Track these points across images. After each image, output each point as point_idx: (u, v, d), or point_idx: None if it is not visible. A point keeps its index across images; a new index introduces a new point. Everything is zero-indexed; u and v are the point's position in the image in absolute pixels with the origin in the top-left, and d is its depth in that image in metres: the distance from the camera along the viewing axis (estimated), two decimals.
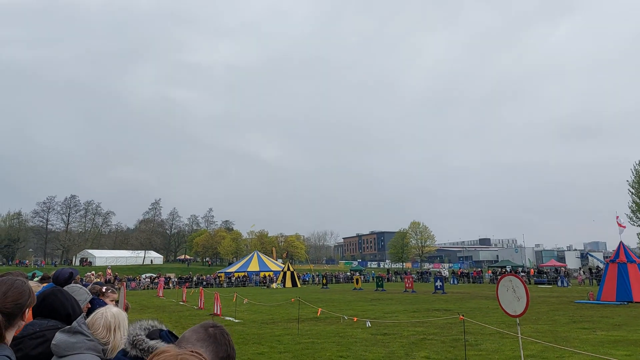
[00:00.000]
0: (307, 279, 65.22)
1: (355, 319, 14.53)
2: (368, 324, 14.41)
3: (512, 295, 7.78)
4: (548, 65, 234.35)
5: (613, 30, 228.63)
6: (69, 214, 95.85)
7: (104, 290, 5.17)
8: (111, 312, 2.63)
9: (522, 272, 59.31)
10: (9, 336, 2.18)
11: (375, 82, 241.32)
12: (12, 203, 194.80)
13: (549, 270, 59.39)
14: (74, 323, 2.61)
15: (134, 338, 1.69)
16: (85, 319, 2.63)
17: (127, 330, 1.82)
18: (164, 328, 1.89)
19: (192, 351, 1.22)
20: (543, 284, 49.85)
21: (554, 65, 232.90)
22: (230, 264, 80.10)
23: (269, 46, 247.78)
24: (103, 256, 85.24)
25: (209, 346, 1.57)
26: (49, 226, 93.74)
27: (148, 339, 1.68)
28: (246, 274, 62.12)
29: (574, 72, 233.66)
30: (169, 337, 1.72)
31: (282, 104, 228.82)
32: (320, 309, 17.16)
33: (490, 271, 65.07)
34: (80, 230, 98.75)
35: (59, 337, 2.50)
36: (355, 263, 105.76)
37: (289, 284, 53.62)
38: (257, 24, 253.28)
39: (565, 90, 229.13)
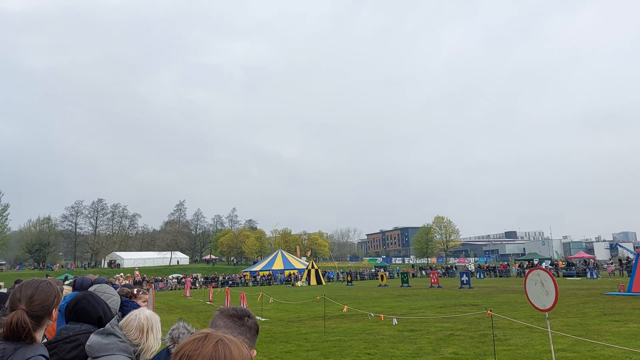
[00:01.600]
0: (332, 277, 65.31)
1: (382, 316, 14.51)
2: (395, 321, 14.38)
3: (541, 289, 7.69)
4: (568, 54, 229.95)
5: (633, 15, 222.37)
6: (96, 218, 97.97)
7: (135, 292, 5.28)
8: (144, 314, 2.70)
9: (550, 265, 58.36)
10: (39, 336, 2.29)
11: (393, 77, 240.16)
12: (41, 208, 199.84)
13: (577, 262, 58.29)
14: (107, 325, 2.69)
15: (178, 335, 1.74)
16: (118, 321, 2.71)
17: (169, 331, 1.88)
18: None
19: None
20: (572, 276, 48.95)
21: (575, 54, 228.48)
22: (254, 262, 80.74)
23: (286, 45, 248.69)
24: (131, 258, 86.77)
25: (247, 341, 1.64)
26: (77, 230, 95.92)
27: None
28: (271, 273, 62.53)
29: (594, 60, 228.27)
30: None
31: (300, 102, 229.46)
32: (346, 307, 17.19)
33: (517, 265, 64.19)
34: (108, 233, 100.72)
35: (93, 339, 2.57)
36: (379, 259, 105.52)
37: (313, 281, 53.80)
38: (272, 23, 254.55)
39: (587, 78, 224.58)
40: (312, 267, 55.78)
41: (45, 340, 2.84)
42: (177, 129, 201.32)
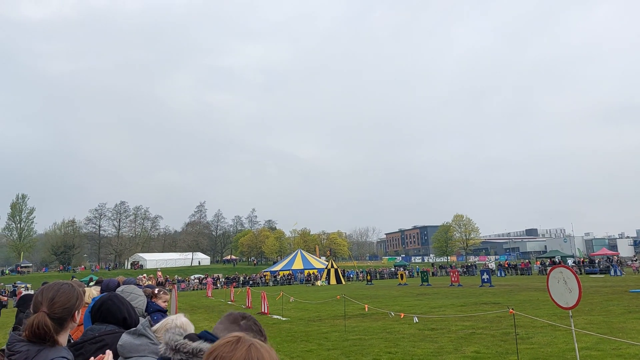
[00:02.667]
0: (351, 276, 65.28)
1: (403, 314, 14.51)
2: (415, 319, 14.38)
3: (564, 287, 7.64)
4: (585, 48, 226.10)
5: None
6: (119, 220, 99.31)
7: (156, 292, 5.38)
8: (180, 320, 2.72)
9: (573, 263, 57.47)
10: (62, 339, 2.30)
11: (407, 75, 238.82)
12: (66, 211, 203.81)
13: (600, 259, 57.29)
14: (139, 326, 2.76)
15: (176, 344, 1.74)
16: (151, 324, 2.78)
17: (165, 338, 1.86)
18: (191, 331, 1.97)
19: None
20: (595, 273, 48.13)
21: (592, 48, 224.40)
22: (274, 262, 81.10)
23: (300, 45, 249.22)
24: (153, 259, 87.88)
25: None
26: (101, 232, 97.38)
27: (190, 341, 1.75)
28: (291, 273, 62.80)
29: (612, 54, 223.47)
30: (210, 335, 1.79)
31: (316, 102, 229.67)
32: (367, 305, 17.23)
33: (538, 262, 63.32)
34: (131, 234, 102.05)
35: (125, 338, 2.61)
36: (398, 258, 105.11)
37: (333, 281, 53.86)
38: (286, 24, 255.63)
39: (605, 72, 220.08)
40: (332, 266, 55.84)
41: (71, 341, 2.92)
42: (196, 131, 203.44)
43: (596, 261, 56.14)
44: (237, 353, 1.21)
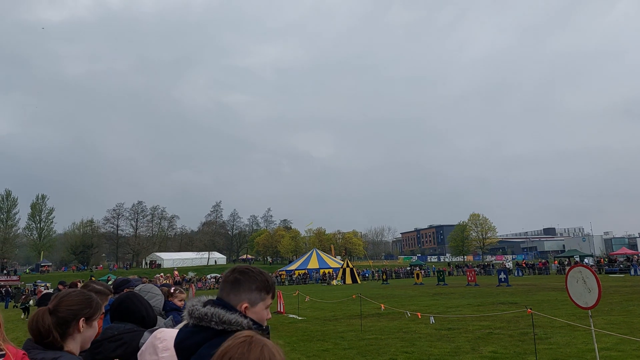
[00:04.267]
0: (367, 275, 65.15)
1: (419, 314, 14.45)
2: (432, 319, 14.31)
3: (583, 287, 7.55)
4: (606, 44, 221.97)
5: None
6: (137, 220, 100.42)
7: (172, 291, 5.45)
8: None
9: (592, 262, 56.62)
10: (71, 345, 2.17)
11: (424, 72, 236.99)
12: (84, 211, 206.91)
13: (620, 259, 56.36)
14: (162, 325, 2.81)
15: (191, 308, 1.81)
16: (174, 323, 2.82)
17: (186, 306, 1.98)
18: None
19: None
20: (614, 273, 47.42)
21: (613, 43, 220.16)
22: (290, 262, 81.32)
23: (316, 45, 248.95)
24: (170, 258, 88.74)
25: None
26: (119, 232, 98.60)
27: (201, 307, 1.80)
28: (306, 272, 62.90)
29: (635, 49, 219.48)
30: (220, 301, 1.84)
31: (331, 102, 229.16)
32: (383, 305, 17.19)
33: (556, 262, 62.50)
34: (148, 234, 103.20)
35: (147, 337, 2.72)
36: (414, 258, 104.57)
37: (348, 280, 53.81)
38: (302, 24, 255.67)
39: (626, 69, 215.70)
40: (347, 265, 55.81)
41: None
42: (212, 131, 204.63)
43: (616, 260, 55.25)
44: (252, 354, 1.22)
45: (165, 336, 2.13)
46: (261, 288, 1.88)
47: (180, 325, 1.98)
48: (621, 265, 50.41)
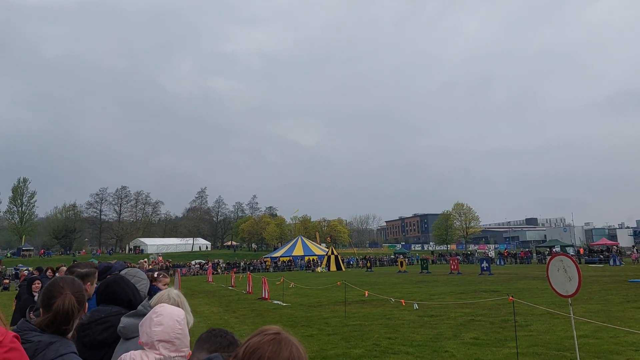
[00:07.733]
0: (351, 263, 65.57)
1: (403, 301, 14.61)
2: (415, 306, 14.48)
3: (564, 275, 7.68)
4: (592, 36, 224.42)
5: None
6: (120, 205, 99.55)
7: (155, 275, 5.45)
8: (174, 292, 2.75)
9: (572, 252, 57.65)
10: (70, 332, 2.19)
11: (411, 62, 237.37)
12: (67, 196, 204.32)
13: (600, 249, 57.48)
14: (139, 306, 2.80)
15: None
16: (149, 301, 2.82)
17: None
18: None
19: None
20: (594, 263, 48.36)
21: (599, 35, 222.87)
22: (275, 249, 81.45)
23: (303, 32, 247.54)
24: (154, 244, 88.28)
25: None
26: (102, 216, 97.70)
27: None
28: (291, 259, 63.10)
29: (620, 41, 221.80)
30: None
31: (318, 90, 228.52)
32: (367, 292, 17.34)
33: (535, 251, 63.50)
34: (132, 219, 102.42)
35: (125, 321, 2.68)
36: (398, 246, 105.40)
37: (333, 267, 54.13)
38: (289, 10, 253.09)
39: (613, 60, 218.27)
40: (332, 253, 56.09)
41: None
42: (196, 117, 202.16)
43: (596, 251, 56.30)
44: (284, 354, 1.20)
45: (163, 312, 2.20)
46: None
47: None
48: (601, 256, 51.37)
